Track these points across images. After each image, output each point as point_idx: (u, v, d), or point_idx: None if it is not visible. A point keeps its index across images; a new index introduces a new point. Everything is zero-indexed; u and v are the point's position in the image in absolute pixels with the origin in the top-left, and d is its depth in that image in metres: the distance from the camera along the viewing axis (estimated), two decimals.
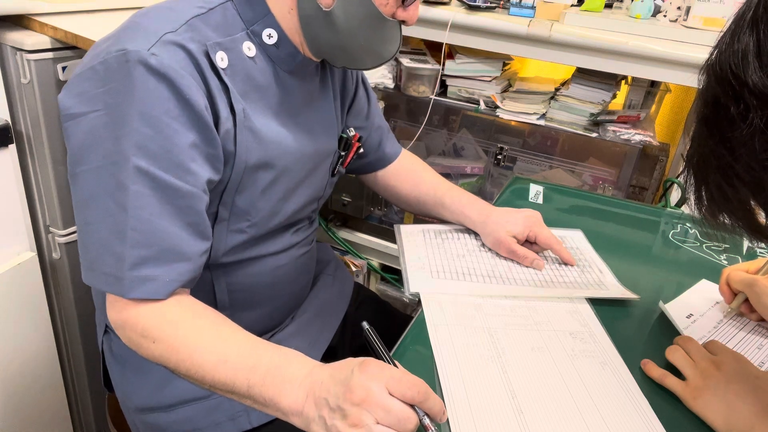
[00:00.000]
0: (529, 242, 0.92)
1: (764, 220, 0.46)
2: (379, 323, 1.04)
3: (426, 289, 0.80)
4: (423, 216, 1.06)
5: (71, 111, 0.64)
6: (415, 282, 0.82)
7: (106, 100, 0.62)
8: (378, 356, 0.58)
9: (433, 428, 0.51)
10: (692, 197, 0.50)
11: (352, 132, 0.92)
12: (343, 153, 0.92)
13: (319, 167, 0.86)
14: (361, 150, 0.97)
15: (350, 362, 0.54)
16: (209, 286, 0.79)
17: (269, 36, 0.72)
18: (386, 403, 0.50)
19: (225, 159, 0.69)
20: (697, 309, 0.82)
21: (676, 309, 0.81)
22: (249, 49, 0.71)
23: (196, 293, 0.68)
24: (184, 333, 0.62)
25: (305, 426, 0.54)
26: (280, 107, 0.76)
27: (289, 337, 0.91)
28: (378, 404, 0.50)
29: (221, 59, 0.67)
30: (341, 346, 1.03)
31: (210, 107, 0.66)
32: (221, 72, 0.67)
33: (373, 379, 0.51)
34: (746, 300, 0.78)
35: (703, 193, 0.48)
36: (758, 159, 0.41)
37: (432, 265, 0.87)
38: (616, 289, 0.85)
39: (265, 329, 0.90)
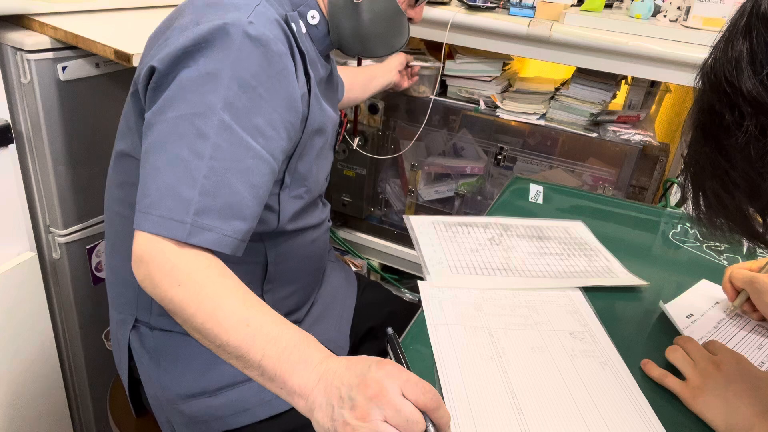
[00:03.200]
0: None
1: (761, 226, 0.46)
2: (383, 307, 1.10)
3: (447, 283, 0.82)
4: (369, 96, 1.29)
5: (163, 72, 0.67)
6: (436, 276, 0.84)
7: (199, 60, 0.65)
8: (397, 361, 0.58)
9: None
10: (690, 203, 0.50)
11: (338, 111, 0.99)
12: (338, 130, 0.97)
13: (330, 141, 0.92)
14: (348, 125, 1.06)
15: (367, 358, 0.54)
16: (262, 257, 0.82)
17: (312, 17, 0.80)
18: (398, 403, 0.49)
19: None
20: (697, 309, 0.82)
21: (676, 309, 0.81)
22: (301, 25, 0.79)
23: (249, 264, 0.70)
24: (213, 287, 0.60)
25: (307, 410, 0.53)
26: (321, 79, 0.84)
27: (315, 323, 0.95)
28: (390, 402, 0.49)
29: (298, 29, 0.74)
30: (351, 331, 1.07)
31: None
32: (299, 40, 0.74)
33: (390, 377, 0.51)
34: (748, 299, 0.78)
35: (701, 199, 0.48)
36: (754, 166, 0.41)
37: (450, 260, 0.88)
38: (625, 277, 0.88)
39: (290, 309, 0.93)
